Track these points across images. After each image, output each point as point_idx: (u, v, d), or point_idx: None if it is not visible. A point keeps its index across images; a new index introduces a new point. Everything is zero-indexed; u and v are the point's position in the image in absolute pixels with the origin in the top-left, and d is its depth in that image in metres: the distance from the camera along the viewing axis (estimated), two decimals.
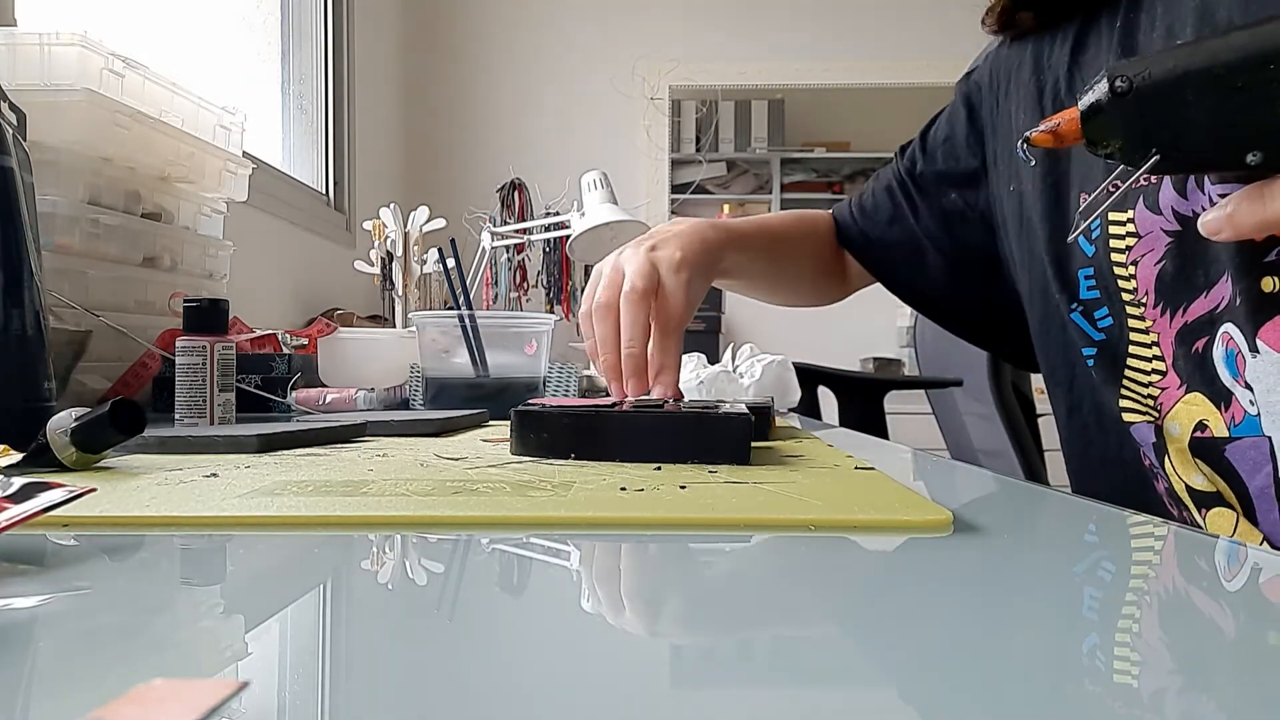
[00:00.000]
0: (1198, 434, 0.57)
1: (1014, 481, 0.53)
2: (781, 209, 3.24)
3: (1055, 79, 0.67)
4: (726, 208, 3.23)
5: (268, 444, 0.57)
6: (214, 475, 0.45)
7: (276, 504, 0.36)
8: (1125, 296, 0.62)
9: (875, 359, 2.89)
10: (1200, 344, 0.57)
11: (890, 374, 2.81)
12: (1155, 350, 0.60)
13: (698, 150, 3.22)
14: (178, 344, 0.73)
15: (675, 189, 3.16)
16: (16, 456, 0.47)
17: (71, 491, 0.31)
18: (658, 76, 3.09)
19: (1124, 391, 0.63)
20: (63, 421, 0.46)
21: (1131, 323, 0.62)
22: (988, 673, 0.20)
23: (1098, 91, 0.42)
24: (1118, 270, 0.61)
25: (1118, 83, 0.41)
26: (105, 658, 0.21)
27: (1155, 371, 0.60)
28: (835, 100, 3.23)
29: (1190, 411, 0.58)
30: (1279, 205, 0.41)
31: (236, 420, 0.76)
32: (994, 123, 0.75)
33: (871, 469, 0.48)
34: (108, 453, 0.48)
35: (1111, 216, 0.61)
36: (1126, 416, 0.63)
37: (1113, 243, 0.61)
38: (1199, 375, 0.57)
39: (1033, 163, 0.53)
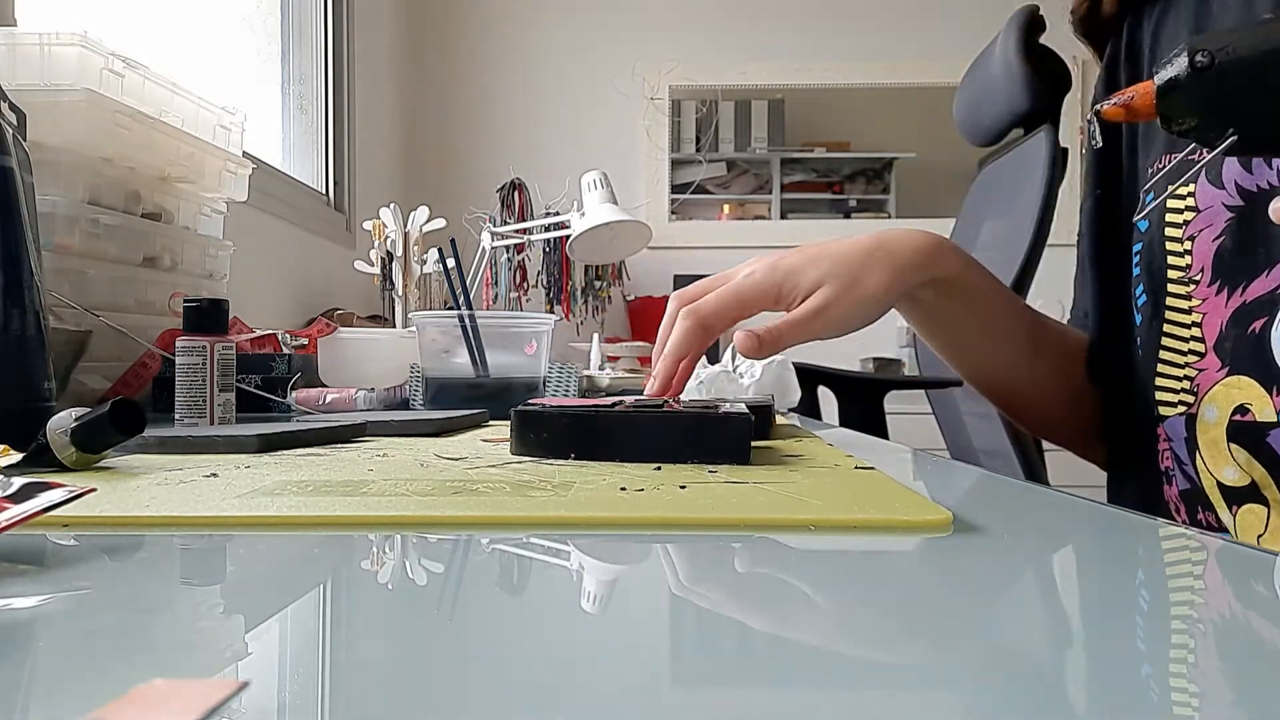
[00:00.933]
0: (1237, 418, 0.56)
1: (1014, 481, 0.53)
2: (781, 209, 3.24)
3: (1143, 61, 0.67)
4: (726, 208, 3.23)
5: (268, 444, 0.57)
6: (214, 475, 0.45)
7: (276, 504, 0.36)
8: (1172, 274, 0.60)
9: (875, 359, 2.89)
10: (1259, 325, 0.55)
11: (890, 374, 2.81)
12: (1194, 331, 0.59)
13: (698, 150, 3.22)
14: (178, 344, 0.73)
15: (675, 189, 3.16)
16: (16, 456, 0.47)
17: (71, 491, 0.31)
18: (658, 76, 3.09)
19: (1160, 371, 0.61)
20: (63, 421, 0.46)
21: (1170, 301, 0.60)
22: (988, 673, 0.20)
23: (1176, 66, 0.41)
24: (1170, 246, 0.60)
25: (1198, 57, 0.40)
26: (105, 658, 0.21)
27: (1193, 353, 0.59)
28: (835, 100, 3.23)
29: (1230, 394, 0.56)
30: None
31: (236, 420, 0.76)
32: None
33: (871, 469, 0.48)
34: (108, 453, 0.48)
35: (1171, 190, 0.59)
36: (1162, 409, 0.61)
37: (1169, 217, 0.59)
38: (1251, 357, 0.55)
39: (1098, 143, 0.51)
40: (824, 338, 0.62)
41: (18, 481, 0.32)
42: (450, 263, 1.08)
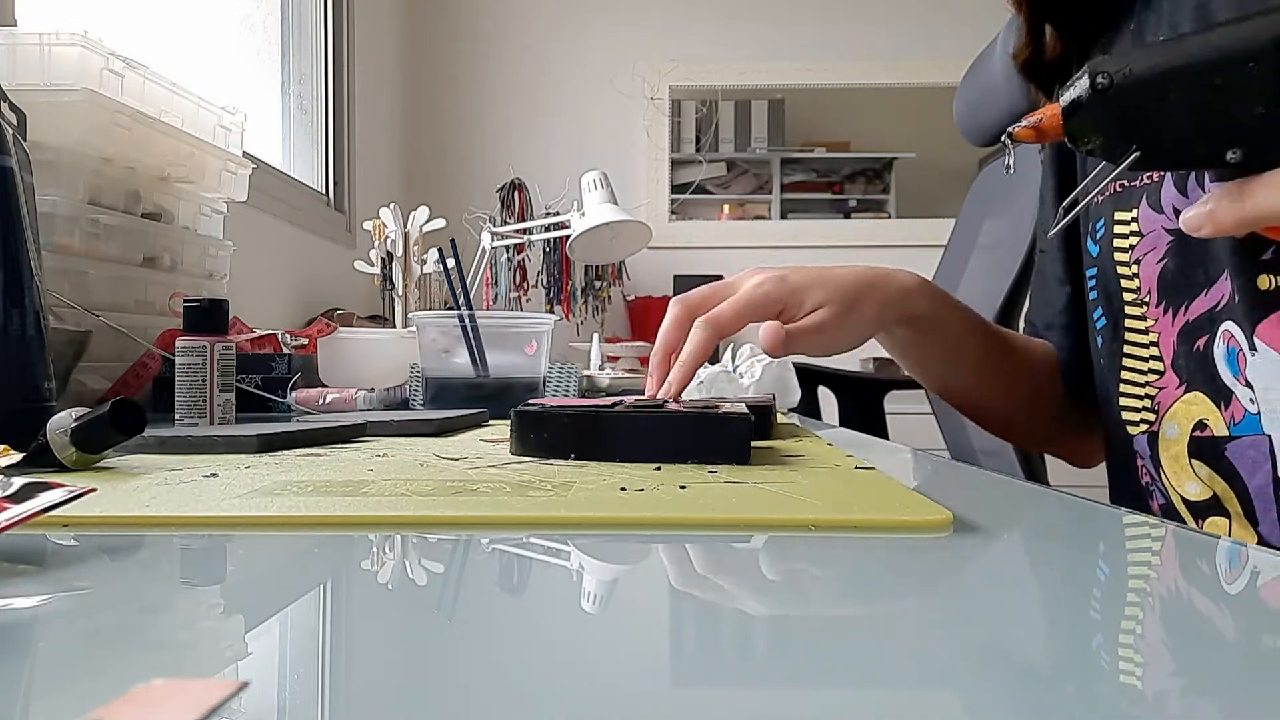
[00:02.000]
0: (1197, 434, 0.57)
1: (1014, 481, 0.53)
2: (781, 209, 3.24)
3: None
4: (726, 208, 3.23)
5: (268, 444, 0.57)
6: (214, 475, 0.45)
7: (276, 504, 0.36)
8: (1127, 296, 0.62)
9: (875, 359, 2.89)
10: (1201, 342, 0.57)
11: (890, 374, 2.81)
12: (1154, 350, 0.60)
13: (698, 150, 3.22)
14: (178, 344, 0.73)
15: (675, 189, 3.16)
16: (16, 456, 0.47)
17: (71, 491, 0.31)
18: (658, 76, 3.09)
19: (1123, 391, 0.63)
20: (63, 421, 0.46)
21: (1129, 323, 0.62)
22: (988, 672, 0.20)
23: (1079, 88, 0.42)
24: (1121, 270, 0.62)
25: (1099, 79, 0.41)
26: (105, 658, 0.21)
27: (1153, 371, 0.61)
28: (835, 100, 3.23)
29: (1190, 411, 0.58)
30: (1257, 202, 0.41)
31: (236, 420, 0.76)
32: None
33: (871, 469, 0.48)
34: (108, 453, 0.48)
35: (1116, 216, 0.61)
36: (1130, 428, 0.63)
37: (1116, 242, 0.61)
38: (1200, 374, 0.57)
39: (1012, 170, 0.53)
40: (813, 355, 0.67)
41: (18, 481, 0.32)
42: (450, 263, 1.08)
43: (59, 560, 0.30)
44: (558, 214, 2.14)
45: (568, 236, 1.66)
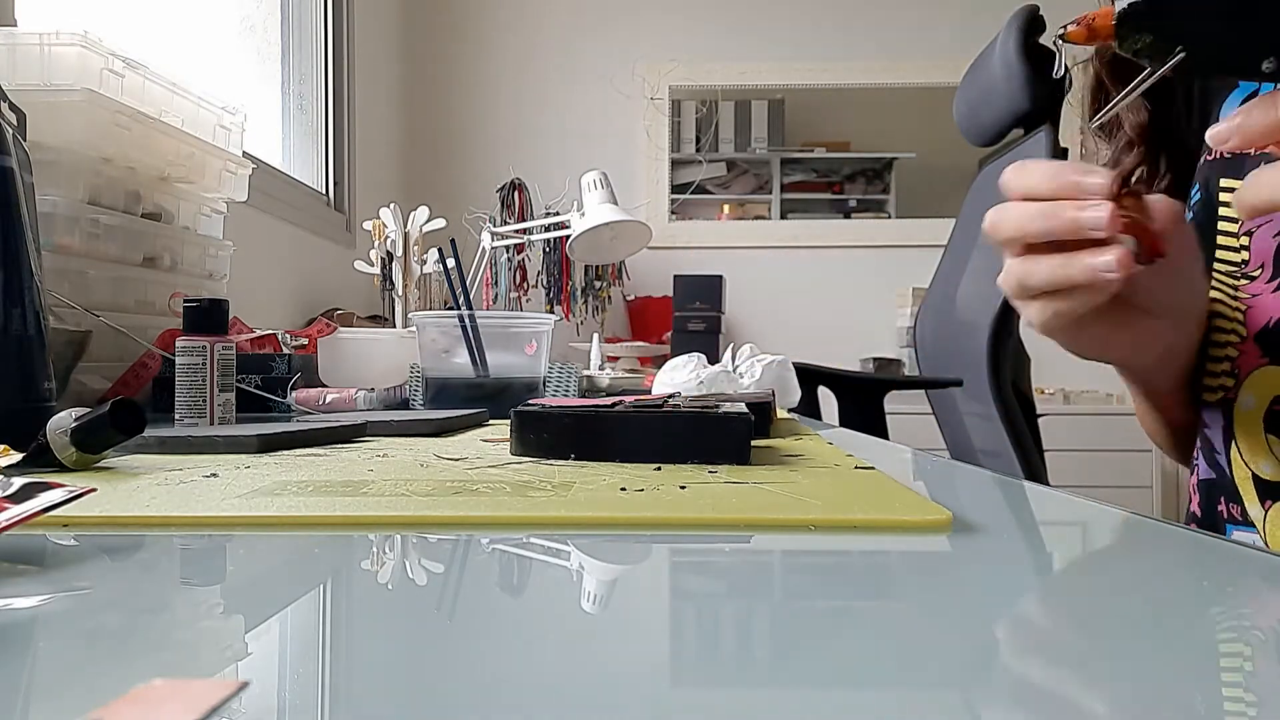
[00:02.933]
0: (1276, 407, 0.55)
1: (1014, 481, 0.53)
2: (781, 209, 3.24)
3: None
4: (726, 208, 3.23)
5: (268, 444, 0.57)
6: (214, 475, 0.45)
7: (276, 504, 0.36)
8: (1220, 267, 0.60)
9: (875, 359, 2.89)
10: None
11: (890, 374, 2.81)
12: (1239, 316, 0.58)
13: (698, 150, 3.22)
14: (178, 344, 0.73)
15: (675, 189, 3.16)
16: (16, 456, 0.47)
17: (71, 491, 0.31)
18: (658, 76, 3.09)
19: (1208, 353, 0.61)
20: (63, 421, 0.46)
21: (1215, 293, 0.60)
22: (987, 672, 0.20)
23: None
24: (1223, 240, 0.60)
25: None
26: (105, 658, 0.21)
27: (1230, 344, 0.59)
28: (835, 100, 3.22)
29: (1272, 382, 0.56)
30: None
31: (236, 420, 0.76)
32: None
33: (871, 469, 0.48)
34: (108, 453, 0.48)
35: (1223, 184, 0.60)
36: (1207, 394, 0.61)
37: (1223, 211, 0.59)
38: None
39: (1061, 71, 0.52)
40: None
41: (18, 481, 0.32)
42: (450, 263, 1.08)
43: (59, 560, 0.30)
44: (558, 214, 2.14)
45: (568, 236, 1.66)
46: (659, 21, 3.10)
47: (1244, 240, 0.59)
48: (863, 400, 1.76)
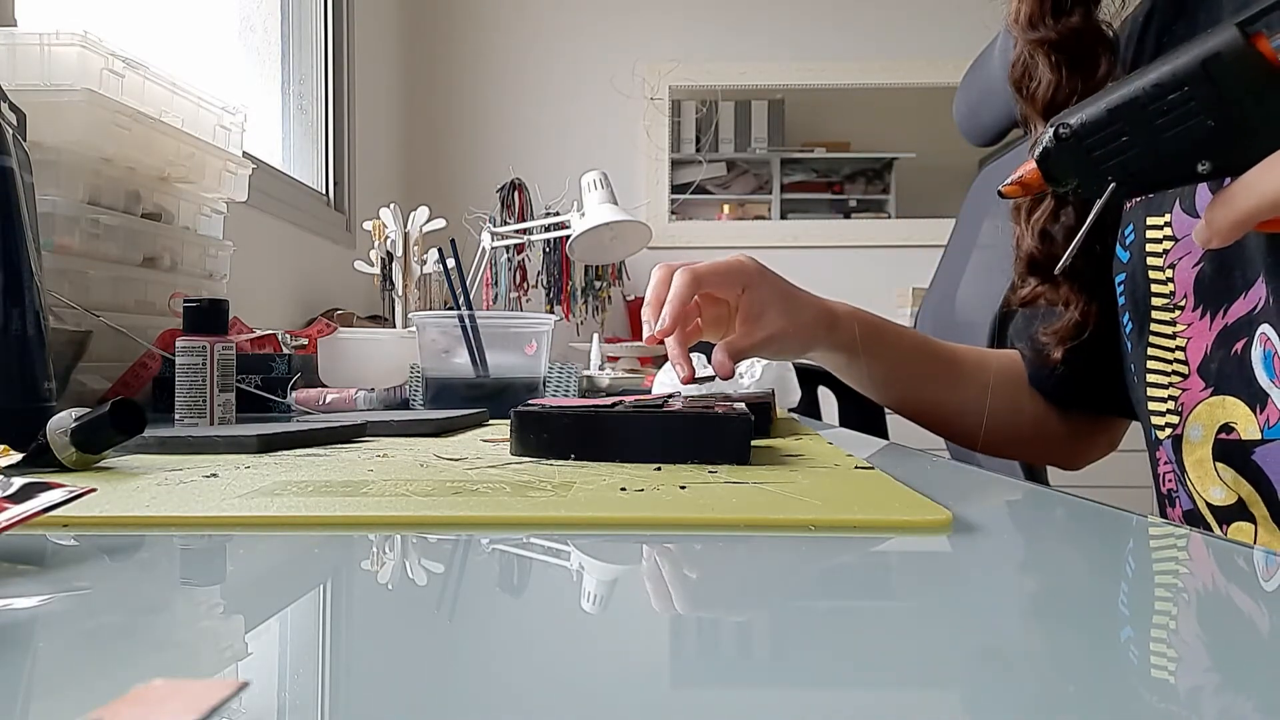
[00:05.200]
0: (1222, 436, 0.57)
1: (1014, 481, 0.53)
2: (781, 209, 3.24)
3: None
4: (726, 208, 3.23)
5: (268, 444, 0.57)
6: (214, 475, 0.45)
7: (276, 504, 0.36)
8: (1155, 301, 0.62)
9: None
10: (1239, 345, 0.56)
11: None
12: (1178, 355, 0.60)
13: (698, 150, 3.21)
14: (178, 344, 0.73)
15: (675, 189, 3.15)
16: (16, 456, 0.47)
17: (71, 491, 0.31)
18: (658, 76, 3.09)
19: (1150, 395, 0.63)
20: (63, 421, 0.46)
21: (1154, 327, 0.62)
22: (987, 672, 0.20)
23: (1045, 141, 0.47)
24: (1153, 274, 0.62)
25: (1060, 129, 0.46)
26: (105, 658, 0.21)
27: (1176, 374, 0.61)
28: (835, 100, 3.22)
29: (1214, 413, 0.58)
30: (1238, 204, 0.43)
31: (236, 420, 0.76)
32: None
33: (871, 469, 0.48)
34: (108, 453, 0.48)
35: (1149, 220, 0.62)
36: (1157, 432, 0.63)
37: (1149, 247, 0.62)
38: (1237, 377, 0.57)
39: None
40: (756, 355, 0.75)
41: (18, 481, 0.32)
42: (450, 263, 1.08)
43: (59, 560, 0.30)
44: (558, 214, 2.14)
45: (568, 236, 1.66)
46: (659, 21, 3.09)
47: (1169, 273, 0.61)
48: (863, 400, 1.75)
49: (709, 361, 1.06)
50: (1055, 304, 0.72)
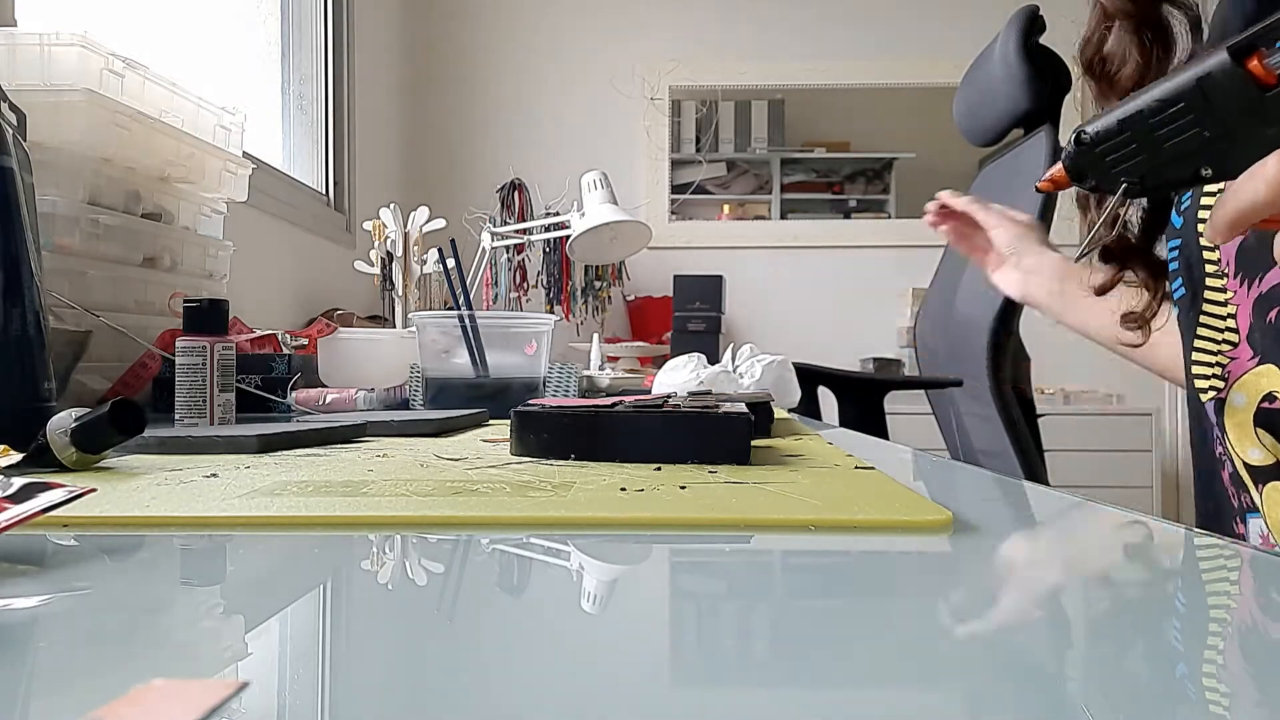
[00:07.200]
0: (1265, 404, 0.61)
1: (1014, 481, 0.53)
2: (781, 209, 3.24)
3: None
4: (726, 208, 3.23)
5: (268, 444, 0.57)
6: (214, 475, 0.45)
7: (276, 504, 0.36)
8: (1208, 268, 0.65)
9: (875, 359, 2.89)
10: (1274, 314, 0.59)
11: (890, 374, 2.81)
12: (1230, 322, 0.64)
13: (698, 150, 3.22)
14: (178, 344, 0.73)
15: (675, 189, 3.16)
16: (16, 456, 0.47)
17: (71, 491, 0.31)
18: (658, 76, 3.09)
19: (1196, 359, 0.66)
20: (63, 421, 0.46)
21: (1209, 294, 0.65)
22: (987, 672, 0.20)
23: (1069, 145, 0.54)
24: (1204, 242, 0.65)
25: (1081, 135, 0.53)
26: (105, 658, 0.21)
27: (1227, 342, 0.64)
28: (835, 100, 3.22)
29: (1259, 383, 0.61)
30: (1230, 207, 0.48)
31: (236, 420, 0.76)
32: None
33: (871, 469, 0.48)
34: (108, 453, 0.48)
35: (1206, 189, 0.65)
36: (1200, 395, 0.66)
37: (1201, 214, 0.65)
38: (1275, 345, 0.60)
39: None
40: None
41: (18, 481, 0.32)
42: (450, 263, 1.08)
43: (59, 560, 0.30)
44: (558, 214, 2.14)
45: (568, 237, 1.65)
46: (659, 21, 3.10)
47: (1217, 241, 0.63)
48: (863, 400, 1.76)
49: (708, 362, 1.06)
50: (1134, 287, 0.76)
